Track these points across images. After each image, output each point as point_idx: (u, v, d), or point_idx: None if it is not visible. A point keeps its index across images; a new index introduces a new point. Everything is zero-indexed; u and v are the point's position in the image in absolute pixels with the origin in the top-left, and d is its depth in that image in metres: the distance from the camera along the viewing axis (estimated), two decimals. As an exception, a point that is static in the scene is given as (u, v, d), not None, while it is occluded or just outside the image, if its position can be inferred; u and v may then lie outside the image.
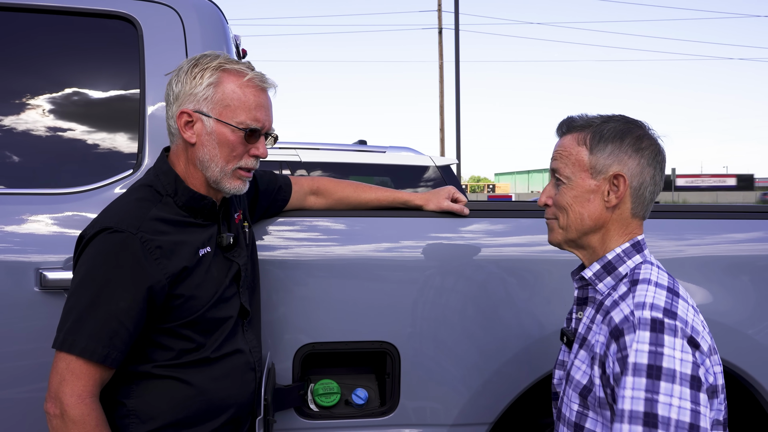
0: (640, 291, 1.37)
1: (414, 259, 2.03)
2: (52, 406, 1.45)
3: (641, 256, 1.48)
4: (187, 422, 1.59)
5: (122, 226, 1.49)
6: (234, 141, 1.59)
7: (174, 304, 1.54)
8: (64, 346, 1.44)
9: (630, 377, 1.26)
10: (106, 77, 2.04)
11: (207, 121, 1.58)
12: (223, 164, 1.60)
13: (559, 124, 1.57)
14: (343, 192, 2.10)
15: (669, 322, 1.29)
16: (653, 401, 1.23)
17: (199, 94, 1.57)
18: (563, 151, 1.52)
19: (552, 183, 1.56)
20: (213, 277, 1.62)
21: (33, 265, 1.82)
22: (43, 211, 1.89)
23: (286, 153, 5.56)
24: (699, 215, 2.24)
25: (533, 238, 2.11)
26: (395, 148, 6.19)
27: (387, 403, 2.03)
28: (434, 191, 2.13)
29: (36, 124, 1.96)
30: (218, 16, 2.13)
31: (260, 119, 1.60)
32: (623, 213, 1.48)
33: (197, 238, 1.61)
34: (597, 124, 1.49)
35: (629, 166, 1.45)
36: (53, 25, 2.00)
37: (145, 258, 1.48)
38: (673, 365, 1.25)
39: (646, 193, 1.48)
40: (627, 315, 1.33)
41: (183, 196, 1.61)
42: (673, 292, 1.38)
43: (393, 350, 2.00)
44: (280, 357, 1.97)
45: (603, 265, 1.49)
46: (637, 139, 1.47)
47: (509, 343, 2.05)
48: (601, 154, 1.46)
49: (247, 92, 1.59)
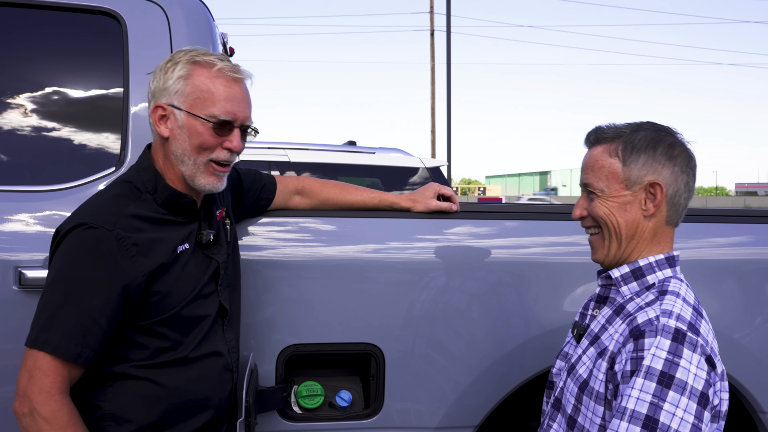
0: (668, 301, 1.38)
1: (400, 260, 2.02)
2: (20, 405, 1.42)
3: (672, 270, 1.49)
4: (163, 424, 1.57)
5: (98, 222, 1.46)
6: (204, 133, 1.56)
7: (150, 301, 1.51)
8: (36, 343, 1.42)
9: (641, 379, 1.27)
10: (89, 74, 2.02)
11: (179, 114, 1.56)
12: (195, 157, 1.57)
13: (588, 134, 1.55)
14: (329, 193, 2.08)
15: (691, 336, 1.30)
16: (658, 407, 1.24)
17: (170, 88, 1.56)
18: (595, 164, 1.50)
19: (584, 196, 1.55)
20: (191, 273, 1.59)
21: (12, 263, 1.80)
22: (24, 209, 1.86)
23: (275, 153, 5.54)
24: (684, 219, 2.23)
25: (521, 240, 2.10)
26: (385, 149, 6.19)
27: (371, 406, 2.02)
28: (419, 191, 2.11)
29: (17, 120, 1.93)
30: (204, 14, 2.12)
31: (231, 111, 1.56)
32: (659, 221, 1.49)
33: (176, 235, 1.59)
34: (627, 133, 1.48)
35: (663, 174, 1.45)
36: (35, 20, 1.97)
37: (121, 255, 1.46)
38: (686, 378, 1.26)
39: (680, 200, 1.48)
40: (651, 318, 1.34)
41: (162, 194, 1.59)
42: (698, 312, 1.40)
43: (378, 352, 1.99)
44: (263, 358, 1.95)
45: (632, 270, 1.49)
46: (670, 146, 1.47)
47: (495, 345, 2.04)
48: (634, 165, 1.46)
49: (217, 83, 1.56)
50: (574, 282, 2.06)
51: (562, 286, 2.07)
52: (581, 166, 1.55)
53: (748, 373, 2.10)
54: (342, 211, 2.07)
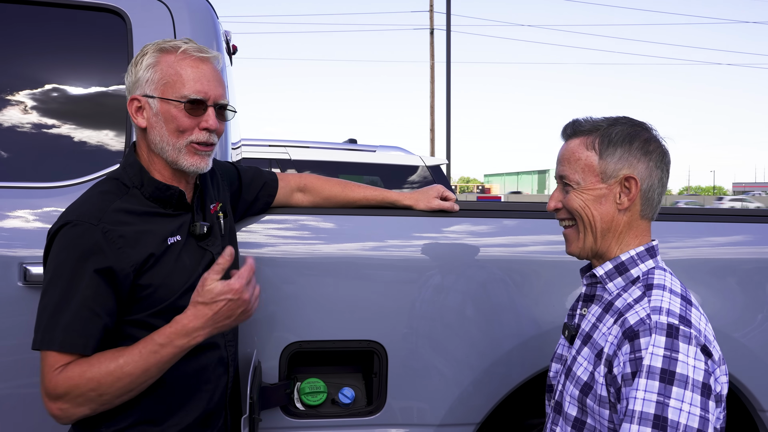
0: (656, 296, 1.39)
1: (403, 258, 2.03)
2: (54, 406, 1.43)
3: (654, 261, 1.49)
4: (159, 418, 1.57)
5: (83, 218, 1.48)
6: (178, 116, 1.56)
7: (143, 294, 1.52)
8: (43, 344, 1.43)
9: (643, 379, 1.27)
10: (93, 71, 2.02)
11: (153, 102, 1.57)
12: (174, 141, 1.58)
13: (564, 127, 1.56)
14: (331, 190, 2.09)
15: (684, 330, 1.31)
16: (664, 405, 1.25)
17: (141, 78, 1.58)
18: (571, 156, 1.51)
19: (559, 188, 1.55)
20: (184, 265, 1.60)
21: (17, 260, 1.80)
22: (29, 206, 1.87)
23: (275, 151, 5.55)
24: (684, 218, 2.25)
25: (521, 238, 2.11)
26: (386, 148, 6.19)
27: (374, 403, 2.02)
28: (423, 190, 2.12)
29: (22, 117, 1.93)
30: (208, 12, 2.12)
31: (202, 90, 1.57)
32: (633, 215, 1.49)
33: (165, 227, 1.59)
34: (604, 127, 1.49)
35: (639, 169, 1.46)
36: (40, 17, 1.98)
37: (108, 246, 1.47)
38: (686, 371, 1.27)
39: (654, 195, 1.49)
40: (643, 318, 1.34)
41: (149, 187, 1.60)
42: (687, 300, 1.40)
43: (380, 349, 1.99)
44: (266, 355, 1.96)
45: (615, 266, 1.49)
46: (645, 142, 1.47)
47: (497, 343, 2.05)
48: (611, 159, 1.46)
49: (183, 65, 1.57)
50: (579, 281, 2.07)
51: (566, 284, 2.07)
52: (557, 158, 1.55)
53: (748, 372, 2.11)
54: (344, 209, 2.08)
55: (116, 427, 1.53)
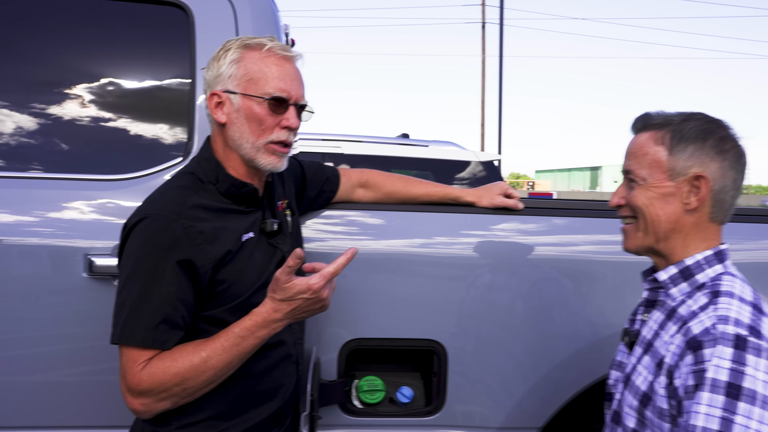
0: (724, 304, 1.29)
1: (465, 256, 1.98)
2: (136, 402, 1.44)
3: (723, 266, 1.40)
4: (230, 414, 1.57)
5: (163, 212, 1.47)
6: (261, 113, 1.56)
7: (218, 290, 1.52)
8: (122, 339, 1.44)
9: (707, 393, 1.19)
10: (156, 64, 2.03)
11: (234, 98, 1.57)
12: (254, 140, 1.57)
13: (635, 120, 1.48)
14: (393, 186, 2.06)
15: (754, 341, 1.22)
16: (730, 421, 1.16)
17: (224, 74, 1.57)
18: (639, 151, 1.43)
19: (624, 184, 1.48)
20: (257, 262, 1.60)
21: (81, 251, 1.83)
22: (92, 197, 1.89)
23: (328, 145, 5.55)
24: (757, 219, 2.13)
25: (591, 237, 2.03)
26: (438, 143, 6.14)
27: (433, 403, 1.99)
28: (486, 187, 2.07)
29: (85, 111, 1.95)
30: (269, 5, 2.11)
31: (285, 88, 1.57)
32: (702, 217, 1.40)
33: (240, 224, 1.59)
34: (677, 122, 1.40)
35: (711, 168, 1.37)
36: (103, 11, 2.00)
37: (188, 242, 1.47)
38: (754, 386, 1.18)
39: (726, 198, 1.39)
40: (708, 327, 1.25)
41: (224, 184, 1.59)
42: (758, 309, 1.30)
43: (440, 349, 1.95)
44: (325, 352, 1.94)
45: (680, 270, 1.41)
46: (720, 140, 1.38)
47: (561, 346, 1.98)
48: (681, 155, 1.38)
49: (268, 62, 1.57)
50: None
51: (635, 286, 1.99)
52: (625, 153, 1.48)
53: None
54: (406, 205, 2.04)
55: (187, 420, 1.53)
